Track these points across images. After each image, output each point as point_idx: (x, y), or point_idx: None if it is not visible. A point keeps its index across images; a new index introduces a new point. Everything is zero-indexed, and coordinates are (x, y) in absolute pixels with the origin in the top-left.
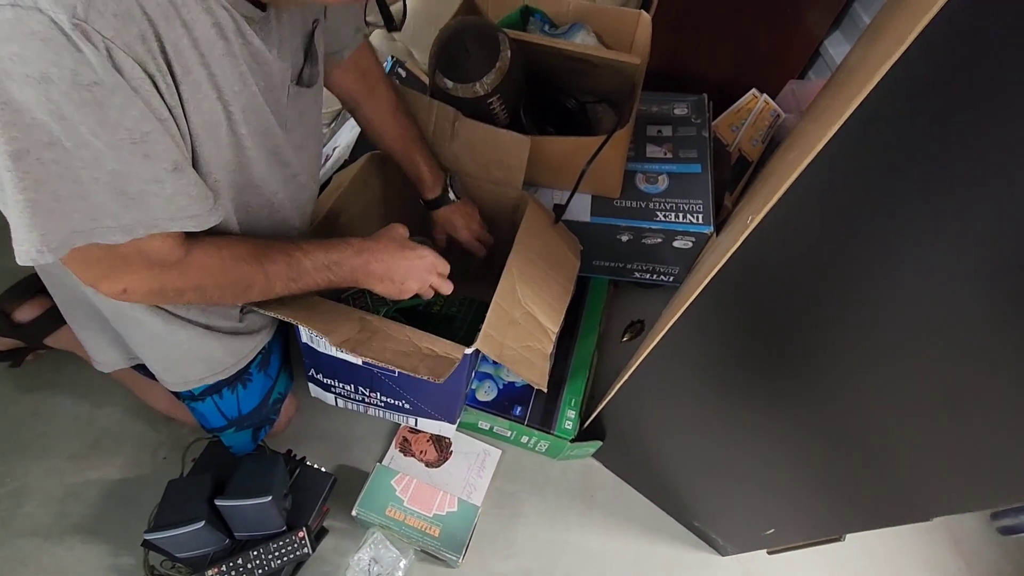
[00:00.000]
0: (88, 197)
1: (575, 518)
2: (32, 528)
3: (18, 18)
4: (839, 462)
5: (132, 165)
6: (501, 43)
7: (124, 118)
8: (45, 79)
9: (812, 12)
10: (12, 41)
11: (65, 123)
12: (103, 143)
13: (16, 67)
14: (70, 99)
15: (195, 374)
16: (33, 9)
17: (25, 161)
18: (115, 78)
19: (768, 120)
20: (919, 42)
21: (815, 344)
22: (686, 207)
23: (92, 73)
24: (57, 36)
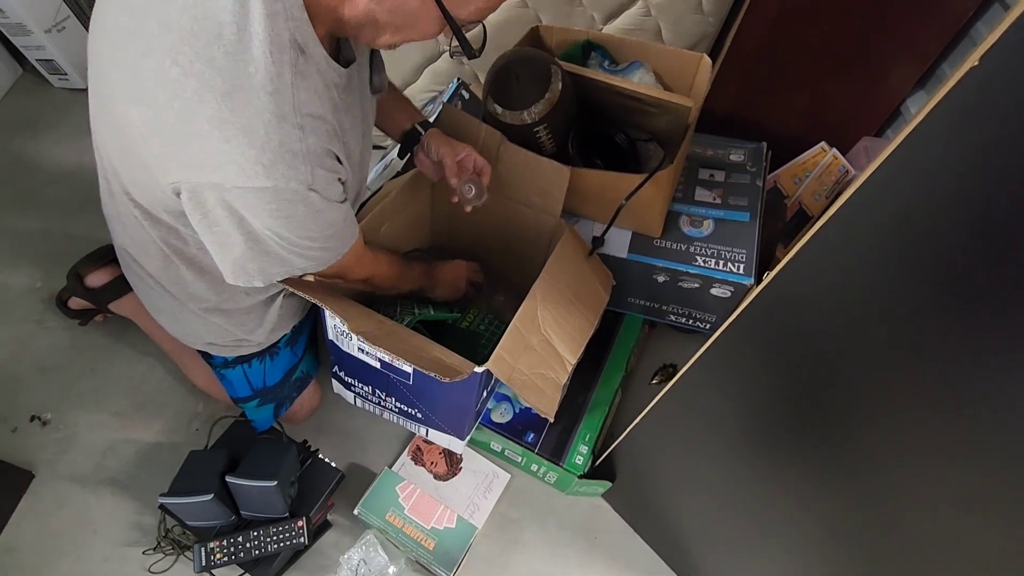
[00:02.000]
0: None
1: (575, 556)
2: (73, 474)
3: (277, 193)
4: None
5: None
6: (553, 75)
7: (328, 214)
8: (289, 216)
9: (897, 68)
10: (272, 203)
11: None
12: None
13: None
14: (300, 222)
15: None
16: (286, 189)
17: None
18: (328, 203)
19: (835, 175)
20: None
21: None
22: (728, 255)
23: (318, 206)
24: (296, 196)
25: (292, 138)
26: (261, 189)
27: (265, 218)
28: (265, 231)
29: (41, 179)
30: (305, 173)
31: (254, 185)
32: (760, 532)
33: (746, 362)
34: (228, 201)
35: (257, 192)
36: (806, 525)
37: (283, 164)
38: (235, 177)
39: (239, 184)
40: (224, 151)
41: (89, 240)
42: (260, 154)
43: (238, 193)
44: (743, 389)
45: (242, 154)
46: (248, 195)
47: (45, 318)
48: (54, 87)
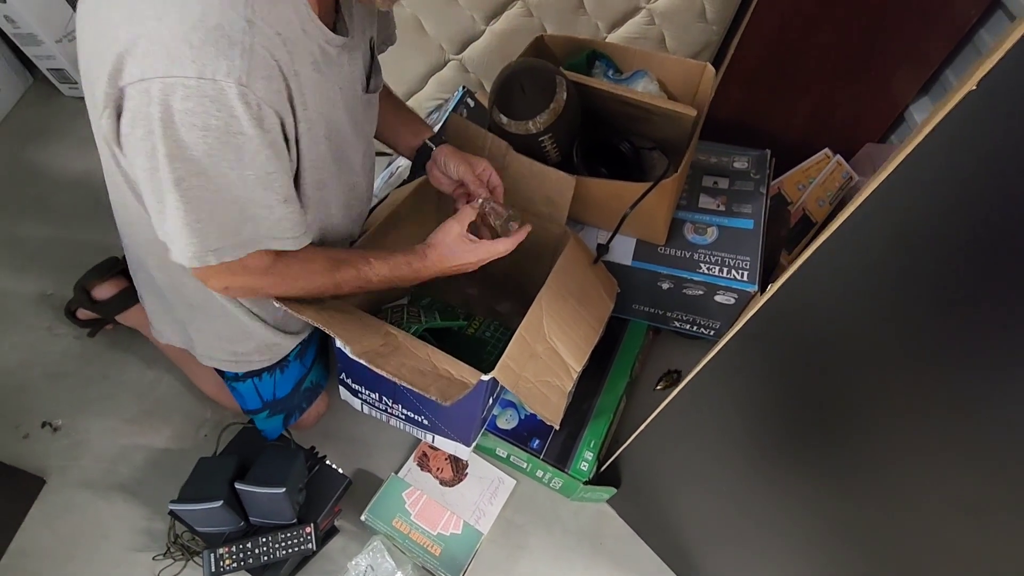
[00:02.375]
0: (219, 217)
1: (580, 561)
2: (84, 480)
3: (200, 85)
4: (869, 544)
5: (254, 194)
6: (558, 85)
7: (255, 161)
8: (205, 128)
9: (900, 75)
10: (190, 99)
11: (212, 159)
12: (236, 176)
13: (187, 118)
14: (219, 143)
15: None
16: (211, 80)
17: (182, 187)
18: (255, 131)
19: (839, 182)
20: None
21: (846, 415)
22: (732, 262)
23: (239, 126)
24: (222, 98)
25: (235, 26)
26: (183, 80)
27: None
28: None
29: (51, 187)
30: (239, 69)
31: (177, 73)
32: (766, 538)
33: (752, 369)
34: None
35: (181, 84)
36: (812, 531)
37: (213, 47)
38: (159, 62)
39: (161, 71)
40: (153, 30)
41: (99, 247)
42: (190, 32)
43: (162, 87)
44: (749, 395)
45: (169, 30)
46: (172, 90)
47: (55, 325)
48: (64, 96)
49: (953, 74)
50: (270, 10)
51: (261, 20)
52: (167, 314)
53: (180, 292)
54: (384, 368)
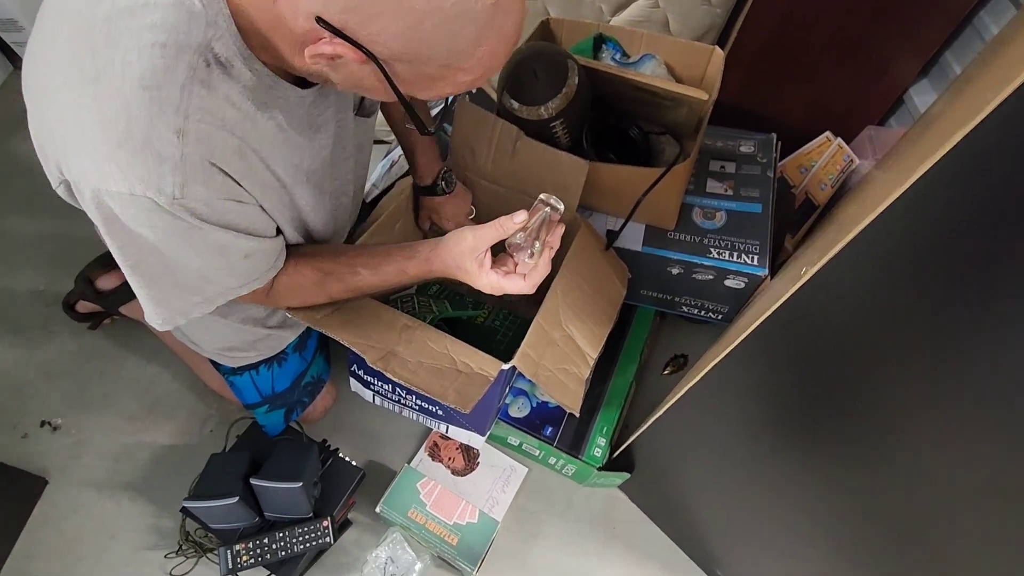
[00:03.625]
0: (182, 288)
1: (594, 547)
2: (87, 479)
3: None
4: (881, 529)
5: (213, 262)
6: (570, 70)
7: (208, 241)
8: (152, 226)
9: (899, 58)
10: (129, 208)
11: (164, 245)
12: (192, 252)
13: (130, 221)
14: (168, 236)
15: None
16: (143, 197)
17: (139, 269)
18: (202, 224)
19: (840, 165)
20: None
21: (865, 405)
22: (742, 246)
23: (184, 226)
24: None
25: (163, 140)
26: (117, 193)
27: (139, 228)
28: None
29: (39, 180)
30: (171, 184)
31: (110, 188)
32: (779, 521)
33: (771, 359)
34: (95, 201)
35: (114, 196)
36: (826, 514)
37: (141, 166)
38: (90, 174)
39: (93, 183)
40: (79, 142)
41: (92, 242)
42: (114, 151)
43: (101, 194)
44: (767, 385)
45: (95, 149)
46: (110, 199)
47: (50, 323)
48: None
49: (953, 57)
50: (207, 101)
51: (196, 121)
52: None
53: None
54: (401, 374)
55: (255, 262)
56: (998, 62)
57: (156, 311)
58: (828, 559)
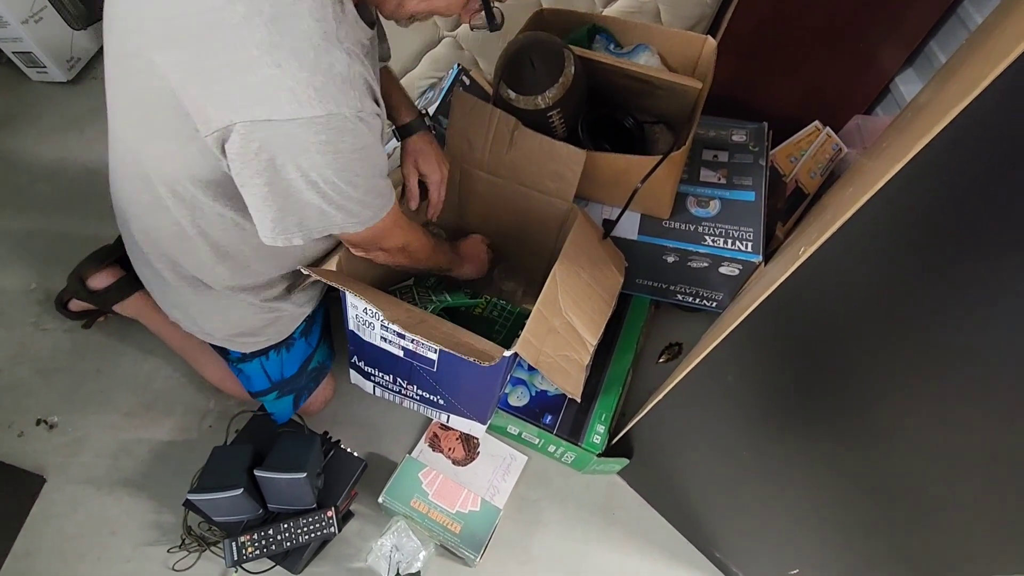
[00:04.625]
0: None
1: (594, 533)
2: (86, 476)
3: (329, 120)
4: (875, 507)
5: (372, 183)
6: (566, 59)
7: (373, 158)
8: (337, 151)
9: (886, 48)
10: (322, 133)
11: (345, 171)
12: (363, 175)
13: (321, 147)
14: (347, 159)
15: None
16: (339, 115)
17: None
18: (374, 139)
19: (829, 153)
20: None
21: (859, 385)
22: (736, 234)
23: (363, 141)
24: (347, 125)
25: (341, 62)
26: (313, 119)
27: (313, 155)
28: (311, 174)
29: (27, 177)
30: (355, 99)
31: (307, 115)
32: (775, 502)
33: (765, 343)
34: (277, 140)
35: (309, 123)
36: (821, 494)
37: (334, 87)
38: (287, 106)
39: (290, 115)
40: (275, 77)
41: (82, 238)
42: (311, 77)
43: (289, 128)
44: (762, 369)
45: (293, 78)
46: (299, 129)
47: (43, 320)
48: (32, 81)
49: (938, 46)
50: (349, 32)
51: (350, 45)
52: (171, 299)
53: (183, 278)
54: (420, 333)
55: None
56: (982, 51)
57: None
58: (824, 538)
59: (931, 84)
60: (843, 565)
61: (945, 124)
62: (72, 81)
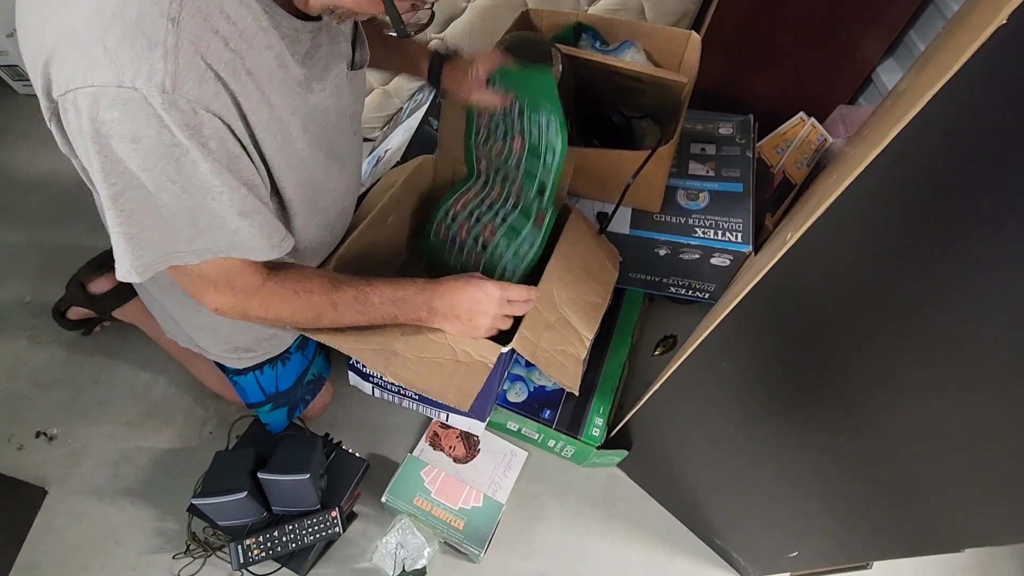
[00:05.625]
0: (167, 228)
1: (596, 525)
2: (88, 487)
3: (120, 93)
4: (869, 486)
5: (202, 205)
6: (554, 58)
7: (196, 172)
8: (135, 139)
9: (866, 38)
10: (114, 108)
11: (148, 173)
12: (179, 188)
13: (115, 128)
14: (153, 155)
15: (248, 353)
16: (131, 88)
17: (120, 201)
18: (190, 142)
19: (814, 144)
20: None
21: (848, 367)
22: (726, 225)
23: (171, 138)
24: (147, 108)
25: (155, 24)
26: (103, 89)
27: (122, 144)
28: (131, 168)
29: (19, 190)
30: (161, 72)
31: (96, 82)
32: (773, 488)
33: (757, 330)
34: (81, 115)
35: (102, 93)
36: (818, 477)
37: (130, 49)
38: (76, 68)
39: (79, 81)
40: (69, 29)
41: (76, 250)
42: (105, 30)
43: (86, 97)
44: (755, 356)
45: (85, 26)
46: (97, 99)
47: (38, 332)
48: (19, 94)
49: (917, 35)
50: (204, 6)
51: (190, 19)
52: (164, 313)
53: (171, 293)
54: (401, 377)
55: (251, 225)
56: (953, 39)
57: (132, 253)
58: (821, 520)
59: (910, 72)
60: (840, 545)
61: (918, 110)
62: None
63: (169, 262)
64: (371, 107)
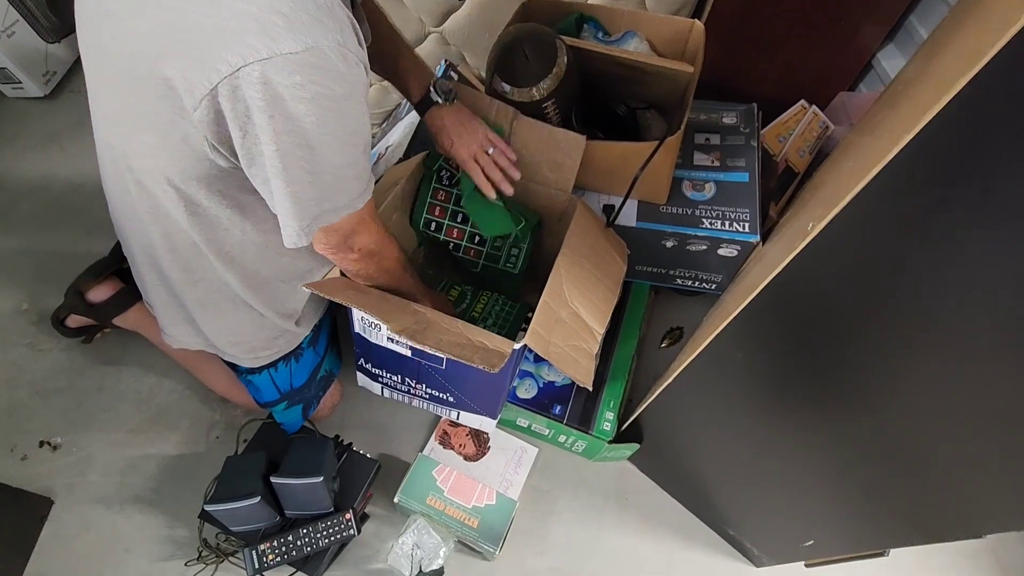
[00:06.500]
0: (320, 186)
1: (609, 519)
2: (95, 496)
3: (305, 55)
4: (886, 473)
5: (347, 156)
6: (559, 49)
7: (354, 120)
8: (314, 98)
9: (866, 25)
10: (296, 73)
11: (317, 129)
12: (336, 140)
13: (295, 92)
14: (324, 110)
15: (263, 351)
16: (316, 48)
17: (288, 163)
18: (357, 86)
19: (816, 131)
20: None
21: (866, 357)
22: (732, 215)
23: (344, 88)
24: (326, 64)
25: None
26: (286, 57)
27: (300, 105)
28: (305, 126)
29: (9, 196)
30: (333, 30)
31: (279, 50)
32: (786, 478)
33: (774, 323)
34: (259, 91)
35: (284, 62)
36: (831, 466)
37: (304, 13)
38: (256, 42)
39: (262, 52)
40: (242, 11)
41: (71, 255)
42: (277, 5)
43: (264, 70)
44: (769, 348)
45: (258, 6)
46: (275, 71)
47: (38, 340)
48: (7, 97)
49: (918, 21)
50: None
51: None
52: (178, 315)
53: (191, 291)
54: (425, 343)
55: (366, 160)
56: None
57: (295, 216)
58: (839, 510)
59: (916, 59)
60: (857, 533)
61: (951, 96)
62: (49, 96)
63: (318, 224)
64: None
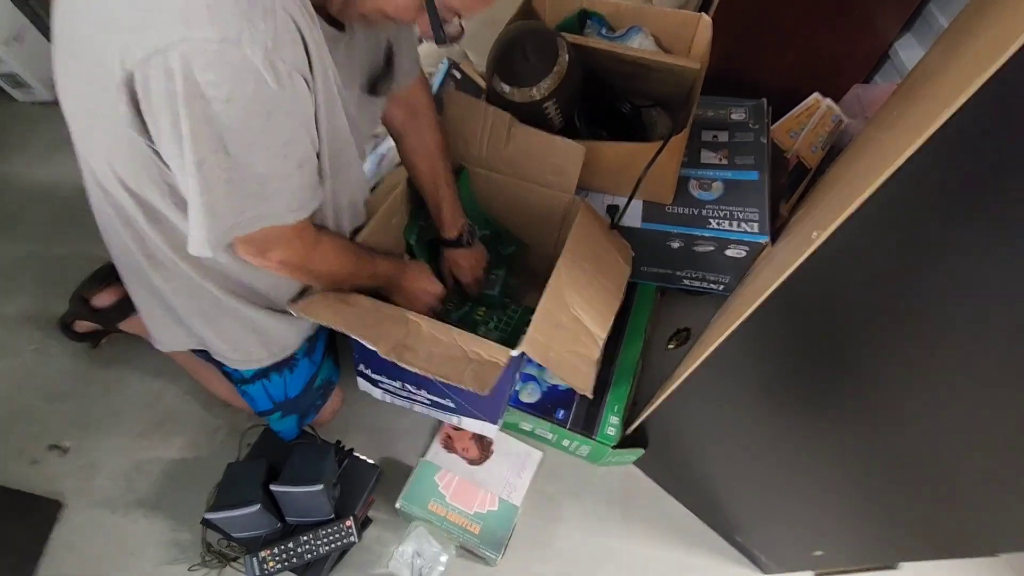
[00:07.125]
0: (238, 193)
1: (614, 525)
2: (102, 499)
3: (221, 50)
4: (899, 486)
5: (274, 168)
6: (560, 48)
7: (280, 129)
8: (230, 98)
9: (882, 13)
10: (210, 69)
11: (235, 135)
12: (260, 148)
13: (211, 91)
14: (245, 114)
15: (256, 353)
16: (234, 45)
17: (203, 168)
18: (285, 98)
19: (830, 125)
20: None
21: (880, 366)
22: (741, 215)
23: (266, 96)
24: (247, 66)
25: None
26: (204, 43)
27: (215, 104)
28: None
29: (19, 201)
30: (263, 32)
31: (196, 36)
32: (793, 483)
33: (783, 328)
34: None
35: (200, 50)
36: (841, 474)
37: (232, 5)
38: (174, 26)
39: (177, 36)
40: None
41: (79, 260)
42: None
43: (181, 56)
44: (778, 353)
45: None
46: (192, 60)
47: (46, 345)
48: (18, 102)
49: (937, 8)
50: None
51: None
52: (167, 318)
53: (180, 293)
54: (414, 364)
55: (304, 178)
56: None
57: (205, 224)
58: (850, 520)
59: (937, 48)
60: (868, 545)
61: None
62: None
63: (233, 233)
64: None
